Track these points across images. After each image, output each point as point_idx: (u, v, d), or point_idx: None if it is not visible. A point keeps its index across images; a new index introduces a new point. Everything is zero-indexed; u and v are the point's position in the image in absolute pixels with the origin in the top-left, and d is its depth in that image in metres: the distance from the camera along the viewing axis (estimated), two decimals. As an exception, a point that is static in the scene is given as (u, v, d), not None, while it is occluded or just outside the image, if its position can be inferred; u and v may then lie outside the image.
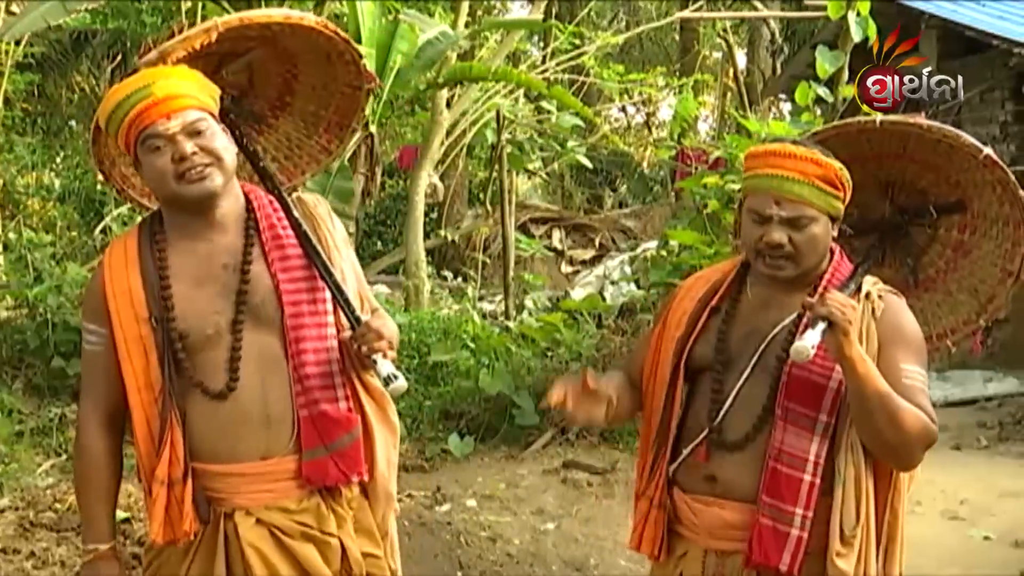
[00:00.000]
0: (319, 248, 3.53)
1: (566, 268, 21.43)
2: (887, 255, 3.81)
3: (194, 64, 3.55)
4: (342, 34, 3.80)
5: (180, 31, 3.54)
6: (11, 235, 14.24)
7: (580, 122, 13.74)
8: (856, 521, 3.32)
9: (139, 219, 3.65)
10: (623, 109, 30.30)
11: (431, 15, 11.44)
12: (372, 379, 3.58)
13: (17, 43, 15.45)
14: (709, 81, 26.84)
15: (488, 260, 18.37)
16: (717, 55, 29.95)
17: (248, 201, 3.58)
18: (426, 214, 15.16)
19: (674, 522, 3.56)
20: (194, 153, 3.32)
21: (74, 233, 16.10)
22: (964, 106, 16.19)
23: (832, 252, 3.53)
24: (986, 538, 8.32)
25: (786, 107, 22.67)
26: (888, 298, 3.46)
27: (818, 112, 9.67)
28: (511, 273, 13.61)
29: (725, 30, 23.99)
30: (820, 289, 3.39)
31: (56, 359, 9.25)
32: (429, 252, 14.96)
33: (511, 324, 12.07)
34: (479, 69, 11.78)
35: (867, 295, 3.41)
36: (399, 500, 3.83)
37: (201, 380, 3.39)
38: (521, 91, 14.22)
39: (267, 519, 3.42)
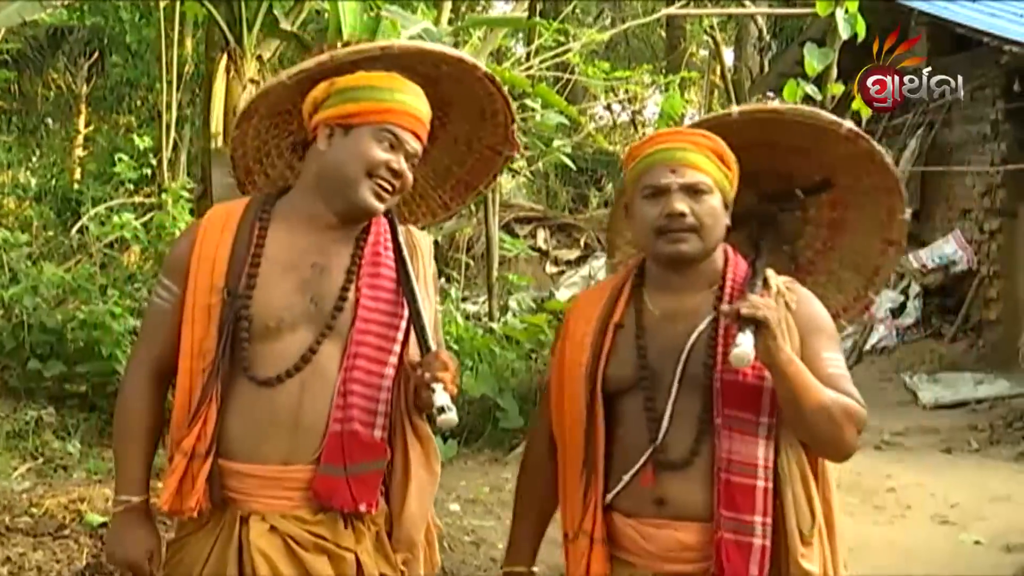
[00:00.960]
0: (411, 274, 3.52)
1: (551, 268, 21.46)
2: (764, 245, 3.70)
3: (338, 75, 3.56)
4: (505, 92, 3.78)
5: (348, 44, 3.56)
6: (-13, 235, 14.24)
7: (565, 120, 13.76)
8: (812, 520, 3.30)
9: (124, 217, 3.64)
10: (608, 107, 30.29)
11: (414, 12, 11.40)
12: (422, 422, 3.55)
13: (-8, 40, 15.43)
14: (696, 79, 26.85)
15: (472, 260, 18.38)
16: (704, 52, 29.97)
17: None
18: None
19: (614, 551, 3.45)
20: (398, 174, 3.41)
21: (50, 233, 16.05)
22: (955, 104, 16.24)
23: (726, 250, 3.51)
24: (977, 542, 8.36)
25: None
26: (796, 288, 3.47)
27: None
28: (495, 273, 13.63)
29: (712, 27, 24.00)
30: (728, 289, 3.40)
31: (32, 361, 9.24)
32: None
33: (495, 325, 12.09)
34: (462, 66, 11.75)
35: (776, 290, 3.40)
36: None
37: (249, 366, 3.37)
38: (505, 89, 14.24)
39: (281, 527, 3.36)
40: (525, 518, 3.76)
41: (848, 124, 3.59)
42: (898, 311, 16.57)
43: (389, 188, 3.41)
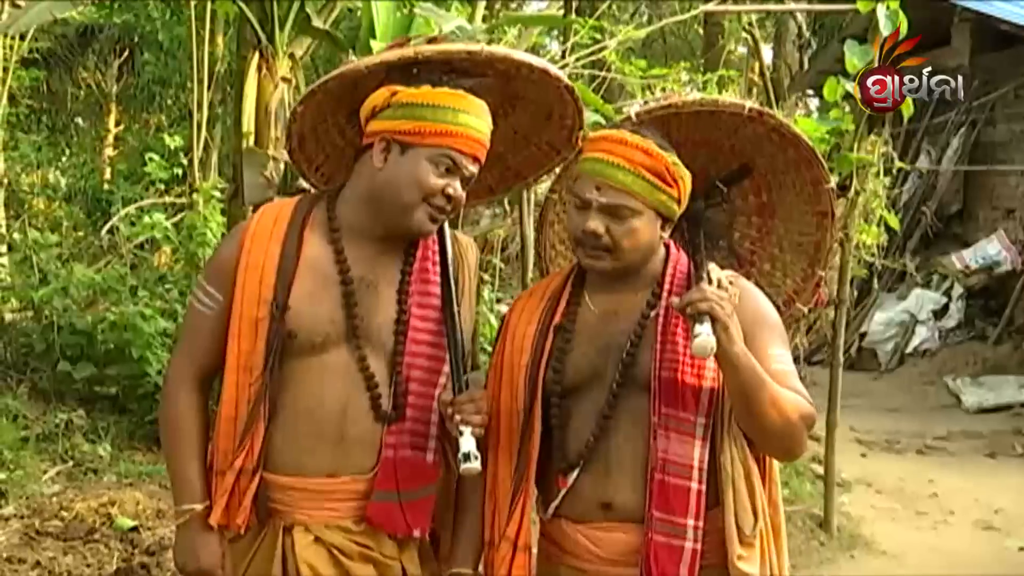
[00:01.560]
0: (455, 294, 3.51)
1: (586, 269, 21.42)
2: (700, 241, 3.63)
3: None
4: (580, 104, 3.75)
5: (433, 40, 3.55)
6: (16, 235, 14.26)
7: (601, 119, 13.73)
8: (755, 520, 3.27)
9: (154, 217, 3.62)
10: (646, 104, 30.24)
11: (448, 9, 11.39)
12: None
13: (22, 38, 15.49)
14: (734, 77, 26.73)
15: (505, 262, 18.35)
16: (742, 50, 29.86)
17: None
18: (443, 214, 15.15)
19: (558, 556, 3.44)
20: (454, 199, 3.39)
21: (80, 233, 16.14)
22: (998, 102, 16.18)
23: (667, 247, 3.48)
24: (1021, 549, 8.31)
25: (814, 103, 22.67)
26: (740, 283, 3.43)
27: (847, 108, 9.63)
28: (529, 275, 13.59)
29: (751, 24, 23.91)
30: (667, 285, 3.39)
31: (62, 363, 9.25)
32: (445, 253, 14.93)
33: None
34: (497, 64, 11.75)
35: (719, 283, 3.33)
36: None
37: (292, 384, 3.37)
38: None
39: (326, 538, 3.38)
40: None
41: (749, 103, 3.56)
42: (941, 313, 16.49)
43: (444, 212, 3.40)
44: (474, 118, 3.39)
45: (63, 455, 8.38)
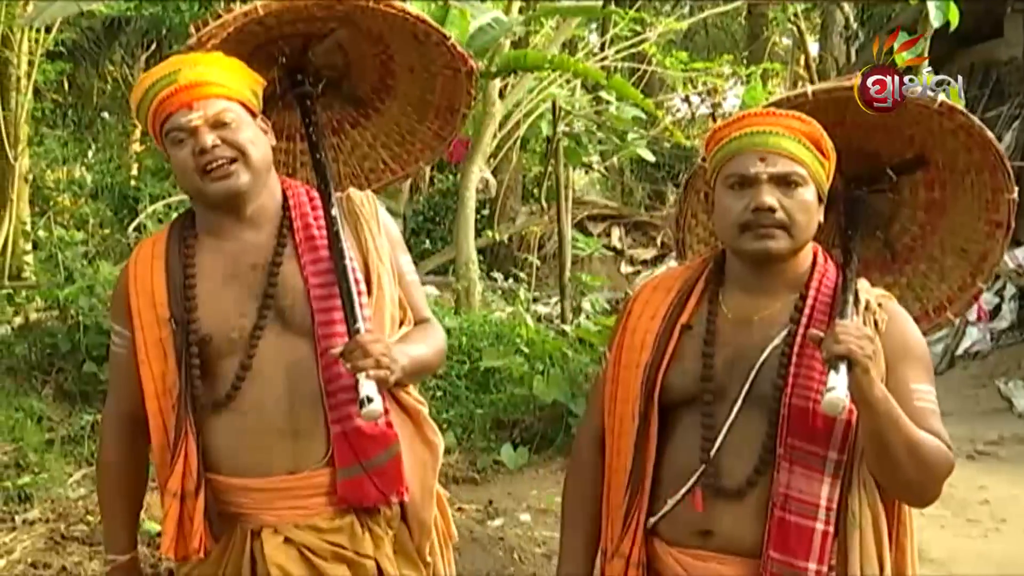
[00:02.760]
0: (345, 249, 3.41)
1: (626, 268, 21.42)
2: (855, 247, 3.44)
3: (274, 49, 3.62)
4: (414, 12, 3.72)
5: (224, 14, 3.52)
6: (41, 233, 14.38)
7: (641, 113, 13.71)
8: (880, 571, 3.07)
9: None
10: (687, 100, 30.23)
11: (483, 0, 11.41)
12: (406, 394, 3.52)
13: (47, 30, 15.59)
14: (779, 69, 26.73)
15: (542, 260, 18.37)
16: (787, 41, 29.85)
17: (285, 198, 3.55)
18: (477, 211, 15.16)
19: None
20: (215, 146, 3.30)
21: (107, 231, 16.18)
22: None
23: (815, 251, 3.29)
24: (1076, 558, 8.26)
25: (861, 97, 22.58)
26: (889, 307, 3.23)
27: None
28: (567, 274, 13.62)
29: (796, 15, 23.92)
30: (811, 300, 3.18)
31: (88, 363, 9.28)
32: (480, 251, 14.94)
33: (567, 328, 12.04)
34: (534, 57, 11.75)
35: (867, 306, 3.17)
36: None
37: (206, 388, 3.35)
38: (578, 81, 14.21)
39: (296, 538, 3.35)
40: (577, 527, 3.49)
41: (942, 97, 3.42)
42: (992, 314, 16.40)
43: (222, 164, 3.32)
44: (187, 69, 3.35)
45: (88, 458, 8.38)
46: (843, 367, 2.84)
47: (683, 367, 3.23)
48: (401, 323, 3.55)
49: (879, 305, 3.20)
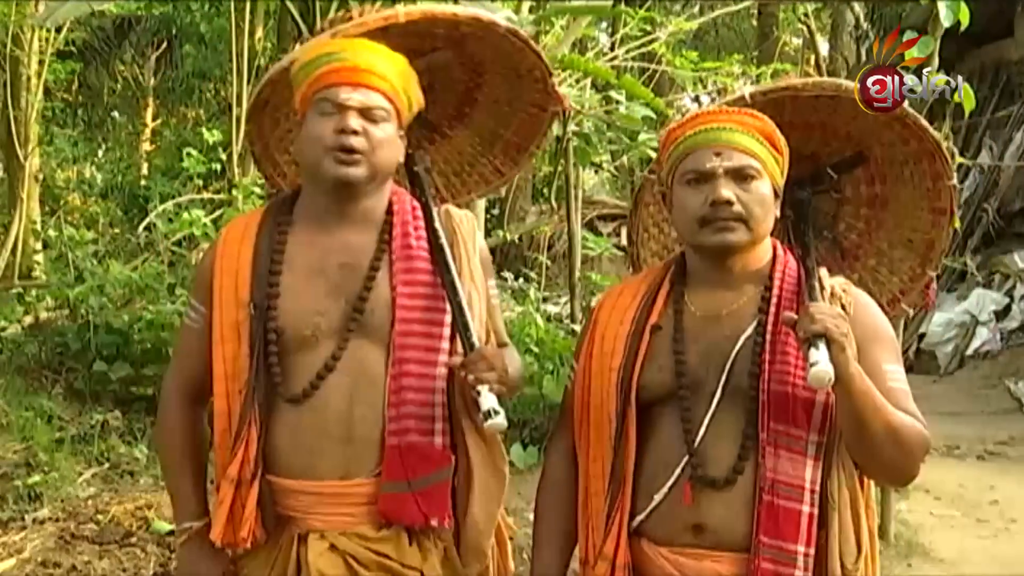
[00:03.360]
0: (451, 264, 3.41)
1: (636, 268, 21.40)
2: (809, 239, 3.49)
3: None
4: (533, 45, 3.71)
5: (360, 15, 3.52)
6: (51, 232, 14.38)
7: (651, 113, 13.69)
8: (858, 552, 3.12)
9: (193, 213, 3.64)
10: (697, 99, 30.18)
11: (493, 0, 11.41)
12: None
13: (58, 30, 15.61)
14: (789, 69, 26.70)
15: (552, 260, 18.36)
16: (797, 41, 29.82)
17: (390, 204, 3.51)
18: (487, 211, 15.17)
19: None
20: (356, 132, 3.28)
21: (117, 230, 16.24)
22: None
23: (774, 245, 3.35)
24: (1087, 559, 8.26)
25: (871, 97, 22.56)
26: (853, 292, 3.29)
27: (906, 102, 9.62)
28: (577, 273, 13.58)
29: (806, 14, 23.89)
30: (776, 290, 3.23)
31: (98, 363, 9.25)
32: (491, 251, 14.94)
33: (577, 327, 12.03)
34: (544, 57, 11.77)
35: (832, 292, 3.23)
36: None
37: (285, 382, 3.32)
38: (588, 80, 14.19)
39: (342, 545, 3.30)
40: (549, 544, 3.50)
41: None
42: (1002, 314, 16.41)
43: (351, 150, 3.30)
44: (351, 51, 3.35)
45: (99, 457, 8.39)
46: (822, 344, 2.88)
47: (657, 365, 3.26)
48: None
49: (843, 291, 3.27)
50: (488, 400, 3.15)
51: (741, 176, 3.17)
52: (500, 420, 3.13)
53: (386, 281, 3.39)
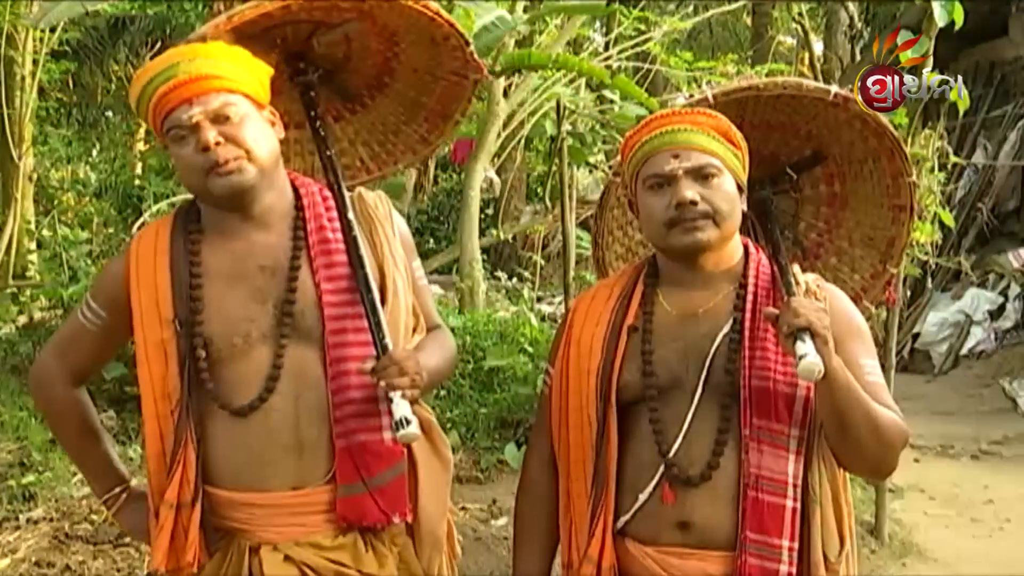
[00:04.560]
0: (364, 257, 3.33)
1: (630, 267, 21.39)
2: (778, 236, 3.52)
3: (278, 33, 3.50)
4: (444, 15, 3.62)
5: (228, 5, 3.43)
6: (45, 232, 14.38)
7: (645, 113, 13.70)
8: (840, 546, 3.15)
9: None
10: (691, 98, 30.21)
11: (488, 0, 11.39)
12: (419, 406, 3.31)
13: (52, 30, 15.58)
14: (783, 69, 26.73)
15: (546, 259, 18.36)
16: (791, 41, 29.83)
17: (298, 197, 3.42)
18: (482, 210, 15.14)
19: None
20: (218, 143, 3.16)
21: (111, 230, 16.20)
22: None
23: (746, 246, 3.35)
24: (1081, 558, 8.27)
25: (865, 96, 22.57)
26: (827, 287, 3.30)
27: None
28: (571, 273, 13.58)
29: (800, 14, 23.88)
30: (751, 288, 3.23)
31: (93, 363, 9.27)
32: (484, 251, 14.93)
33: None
34: (538, 56, 11.72)
35: (806, 288, 3.22)
36: (453, 513, 3.70)
37: (222, 394, 3.23)
38: (582, 80, 14.19)
39: (296, 555, 3.23)
40: (530, 545, 3.51)
41: (835, 88, 3.50)
42: (997, 313, 16.40)
43: (227, 162, 3.18)
44: (158, 72, 3.22)
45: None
46: (807, 337, 2.89)
47: (636, 365, 3.26)
48: (413, 331, 3.47)
49: (818, 286, 3.27)
50: (400, 408, 3.09)
51: (702, 175, 3.18)
52: (412, 430, 3.07)
53: (309, 280, 3.32)
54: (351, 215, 3.42)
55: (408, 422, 3.06)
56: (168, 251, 3.33)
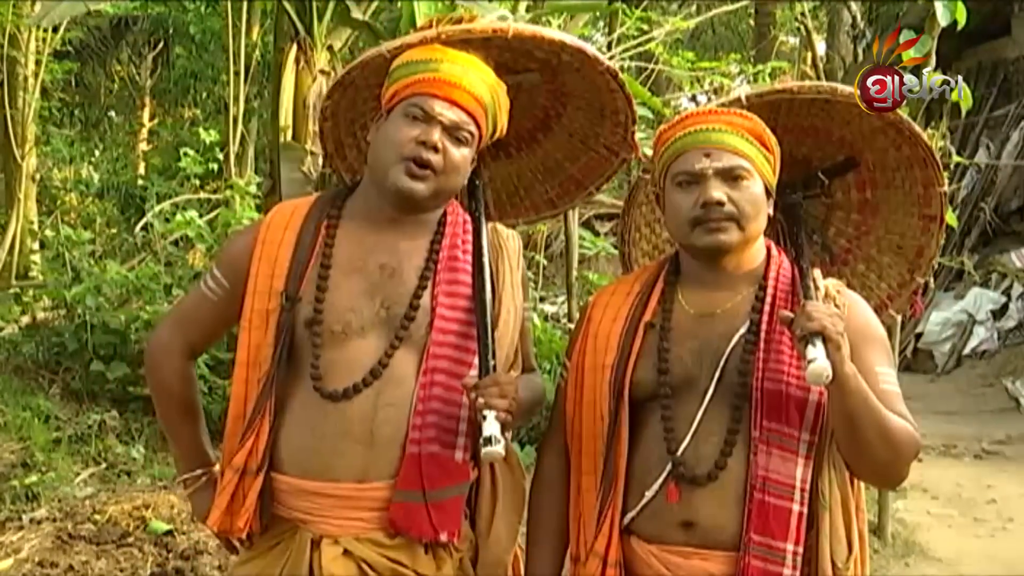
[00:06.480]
0: (488, 283, 3.34)
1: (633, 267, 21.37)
2: (803, 240, 3.48)
3: None
4: (627, 89, 3.65)
5: (460, 21, 3.43)
6: (48, 232, 14.38)
7: (648, 112, 13.69)
8: (848, 552, 3.12)
9: (189, 214, 3.60)
10: (694, 99, 30.15)
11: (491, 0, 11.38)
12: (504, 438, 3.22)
13: (55, 30, 15.62)
14: (786, 68, 26.65)
15: (549, 259, 18.35)
16: (794, 40, 29.80)
17: (444, 214, 3.46)
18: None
19: None
20: (436, 149, 3.24)
21: (114, 230, 16.24)
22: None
23: (768, 248, 3.35)
24: (1083, 558, 8.27)
25: (868, 96, 22.55)
26: (847, 293, 3.29)
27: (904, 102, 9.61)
28: (574, 273, 13.59)
29: (803, 14, 23.86)
30: (771, 290, 3.23)
31: (95, 363, 9.24)
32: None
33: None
34: (541, 56, 11.77)
35: (826, 293, 3.22)
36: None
37: (316, 376, 3.24)
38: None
39: (356, 551, 3.21)
40: (543, 543, 3.48)
41: None
42: (1000, 313, 16.41)
43: (424, 164, 3.25)
44: (449, 64, 3.30)
45: (96, 457, 8.39)
46: (819, 342, 2.87)
47: (651, 362, 3.25)
48: (510, 367, 3.46)
49: (837, 292, 3.26)
50: (490, 427, 3.05)
51: (731, 176, 3.18)
52: (498, 449, 3.04)
53: (428, 289, 3.34)
54: (485, 243, 3.43)
55: (497, 441, 3.03)
56: (299, 227, 3.39)
